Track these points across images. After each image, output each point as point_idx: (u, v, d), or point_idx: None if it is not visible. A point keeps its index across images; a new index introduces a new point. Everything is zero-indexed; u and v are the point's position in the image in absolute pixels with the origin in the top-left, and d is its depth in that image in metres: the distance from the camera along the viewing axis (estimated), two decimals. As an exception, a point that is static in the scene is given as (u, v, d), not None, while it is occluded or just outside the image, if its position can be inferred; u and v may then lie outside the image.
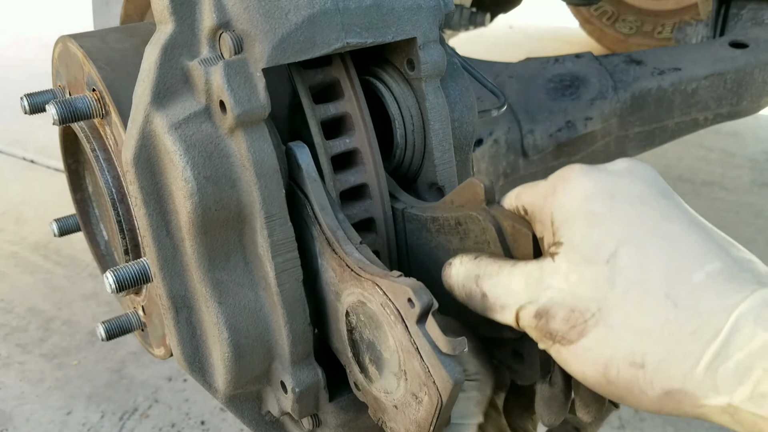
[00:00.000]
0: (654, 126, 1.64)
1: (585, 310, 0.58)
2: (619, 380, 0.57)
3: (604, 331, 0.57)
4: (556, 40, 4.47)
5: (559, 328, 0.60)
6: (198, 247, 0.73)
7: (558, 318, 0.60)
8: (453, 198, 0.76)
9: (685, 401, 0.55)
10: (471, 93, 0.87)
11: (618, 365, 0.57)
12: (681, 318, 0.54)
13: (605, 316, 0.57)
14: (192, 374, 0.81)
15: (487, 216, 0.71)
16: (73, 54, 0.85)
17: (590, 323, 0.58)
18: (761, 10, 1.76)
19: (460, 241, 0.75)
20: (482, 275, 0.67)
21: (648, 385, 0.56)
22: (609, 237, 0.59)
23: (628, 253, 0.58)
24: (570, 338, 0.59)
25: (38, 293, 2.38)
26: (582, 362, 0.59)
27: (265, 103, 0.70)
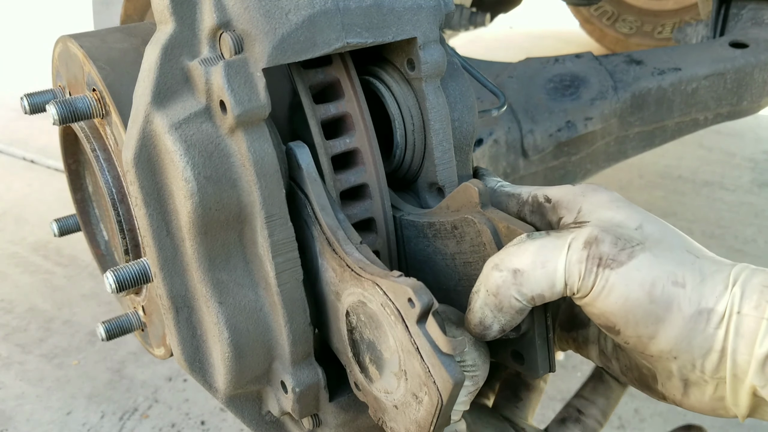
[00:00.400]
0: (654, 126, 1.64)
1: (630, 239, 0.66)
2: (663, 297, 0.63)
3: (650, 255, 0.65)
4: (556, 40, 4.48)
5: (609, 251, 0.65)
6: (198, 247, 0.74)
7: (607, 242, 0.65)
8: (448, 203, 0.77)
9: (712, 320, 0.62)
10: (471, 93, 0.87)
11: (663, 283, 0.63)
12: (705, 262, 0.65)
13: (649, 248, 0.65)
14: (192, 374, 0.81)
15: (482, 218, 0.72)
16: (73, 54, 0.85)
17: (637, 249, 0.65)
18: (761, 10, 1.76)
19: (457, 244, 0.76)
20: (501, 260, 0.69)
21: (686, 303, 0.63)
22: (634, 216, 0.69)
23: (650, 226, 0.68)
24: (620, 260, 0.64)
25: (38, 293, 2.38)
26: (630, 282, 0.64)
27: (265, 103, 0.70)
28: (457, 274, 0.78)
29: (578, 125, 1.52)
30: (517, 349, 0.76)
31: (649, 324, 0.64)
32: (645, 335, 0.64)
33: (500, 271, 0.67)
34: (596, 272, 0.64)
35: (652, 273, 0.64)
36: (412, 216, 0.81)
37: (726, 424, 1.83)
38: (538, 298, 0.67)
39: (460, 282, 0.78)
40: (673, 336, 0.63)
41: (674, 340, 0.63)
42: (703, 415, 0.77)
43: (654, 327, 0.64)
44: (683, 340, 0.63)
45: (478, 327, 0.70)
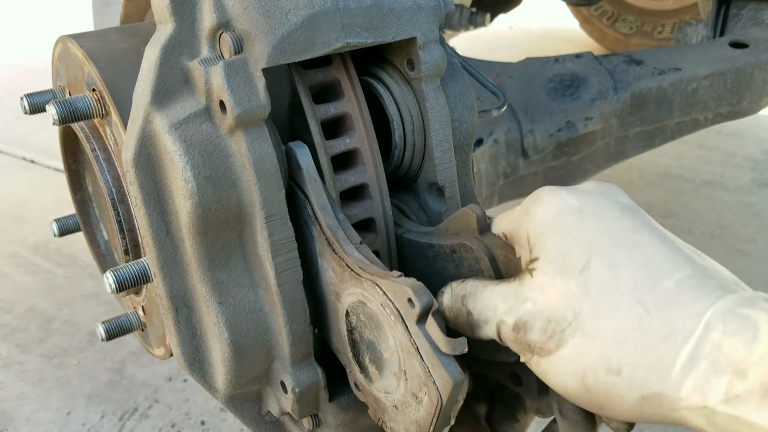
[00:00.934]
0: (654, 126, 1.64)
1: (562, 320, 0.60)
2: (598, 387, 0.58)
3: (580, 340, 0.59)
4: (556, 40, 4.47)
5: (537, 339, 0.61)
6: (198, 247, 0.73)
7: (536, 329, 0.61)
8: (448, 225, 0.77)
9: (663, 405, 0.56)
10: (471, 93, 0.87)
11: (595, 373, 0.58)
12: (654, 323, 0.56)
13: (581, 326, 0.59)
14: (192, 374, 0.81)
15: (480, 245, 0.72)
16: (73, 54, 0.85)
17: (567, 333, 0.60)
18: (761, 10, 1.76)
19: (456, 268, 0.76)
20: (467, 294, 0.68)
21: (626, 391, 0.57)
22: (580, 249, 0.61)
23: (599, 263, 0.60)
24: (548, 349, 0.61)
25: (38, 293, 2.38)
26: (561, 372, 0.60)
27: (265, 103, 0.70)
28: None
29: (578, 125, 1.52)
30: (516, 371, 0.76)
31: (598, 408, 0.61)
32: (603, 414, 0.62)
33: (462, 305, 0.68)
34: (527, 357, 0.63)
35: (583, 362, 0.59)
36: (411, 235, 0.82)
37: (726, 424, 1.82)
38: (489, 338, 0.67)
39: None
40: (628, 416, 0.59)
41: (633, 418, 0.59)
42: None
43: (605, 410, 0.60)
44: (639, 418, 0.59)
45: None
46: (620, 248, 0.61)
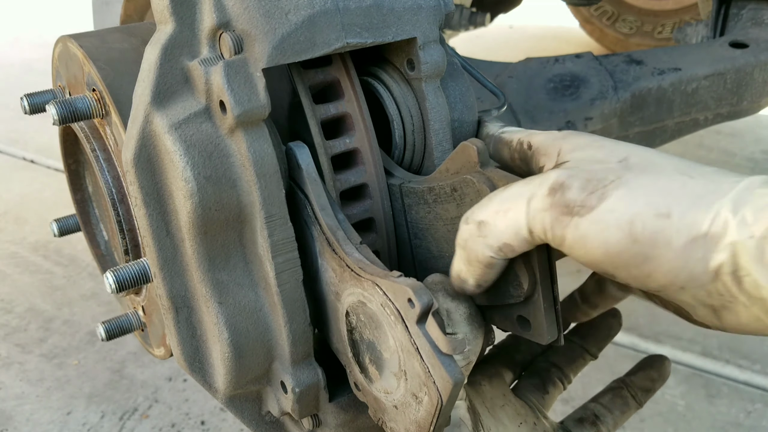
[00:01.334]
0: (654, 126, 1.64)
1: (603, 179, 0.59)
2: (645, 234, 0.57)
3: (625, 191, 0.58)
4: (556, 40, 4.47)
5: (576, 197, 0.59)
6: (198, 247, 0.73)
7: (574, 187, 0.60)
8: (448, 165, 0.76)
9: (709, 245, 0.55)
10: (471, 93, 0.87)
11: (644, 219, 0.57)
12: (698, 182, 0.57)
13: (625, 182, 0.59)
14: (192, 374, 0.81)
15: (482, 178, 0.71)
16: (73, 54, 0.85)
17: (610, 188, 0.59)
18: (761, 10, 1.76)
19: (457, 207, 0.74)
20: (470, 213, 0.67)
21: (674, 234, 0.56)
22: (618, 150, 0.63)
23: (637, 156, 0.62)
24: (590, 204, 0.58)
25: (38, 293, 2.38)
26: (604, 228, 0.58)
27: (265, 103, 0.70)
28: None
29: (578, 125, 1.52)
30: (523, 314, 0.73)
31: (639, 264, 0.58)
32: (639, 275, 0.59)
33: (467, 224, 0.66)
34: (564, 221, 0.59)
35: (630, 210, 0.57)
36: (412, 183, 0.80)
37: (726, 424, 1.83)
38: (506, 249, 0.64)
39: None
40: (668, 270, 0.57)
41: (671, 274, 0.57)
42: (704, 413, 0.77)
43: (646, 266, 0.58)
44: (681, 272, 0.57)
45: (456, 280, 0.70)
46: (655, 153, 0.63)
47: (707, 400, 1.88)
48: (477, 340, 0.72)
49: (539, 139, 0.72)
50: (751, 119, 3.05)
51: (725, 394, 1.91)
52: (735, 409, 1.87)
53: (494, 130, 0.83)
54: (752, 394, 1.92)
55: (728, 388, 1.92)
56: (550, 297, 0.71)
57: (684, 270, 0.57)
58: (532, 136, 0.74)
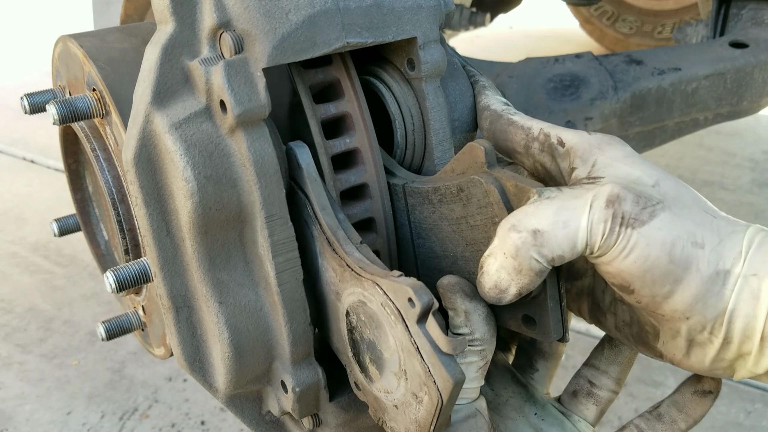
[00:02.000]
0: (654, 126, 1.64)
1: (650, 198, 0.65)
2: (682, 257, 0.63)
3: (670, 215, 0.64)
4: (556, 40, 4.47)
5: (631, 210, 0.64)
6: (198, 246, 0.74)
7: (628, 200, 0.64)
8: (453, 166, 0.75)
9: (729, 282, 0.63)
10: (471, 93, 0.87)
11: (684, 244, 0.63)
12: (721, 222, 0.65)
13: (669, 206, 0.65)
14: (192, 374, 0.81)
15: (489, 178, 0.70)
16: (73, 54, 0.85)
17: (658, 208, 0.65)
18: (761, 10, 1.76)
19: (463, 208, 0.74)
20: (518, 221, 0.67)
21: (705, 263, 0.63)
22: (650, 172, 0.69)
23: (667, 183, 0.68)
24: (642, 219, 0.64)
25: (38, 293, 2.38)
26: (651, 242, 0.63)
27: (265, 103, 0.70)
28: (464, 240, 0.76)
29: (578, 125, 1.52)
30: (529, 313, 0.73)
31: (666, 284, 0.63)
32: (660, 295, 0.64)
33: (519, 232, 0.65)
34: (618, 231, 0.63)
35: (673, 233, 0.63)
36: (416, 183, 0.79)
37: (726, 424, 1.83)
38: (558, 259, 0.65)
39: (468, 248, 0.76)
40: (689, 296, 0.63)
41: (690, 300, 0.63)
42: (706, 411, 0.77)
43: (671, 287, 0.63)
44: (699, 301, 0.63)
45: (493, 291, 0.68)
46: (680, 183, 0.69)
47: (707, 400, 1.88)
48: (493, 339, 0.72)
49: (574, 140, 0.74)
50: (751, 119, 3.05)
51: (725, 394, 1.91)
52: (735, 409, 1.87)
53: (497, 106, 0.82)
54: (752, 394, 1.92)
55: (728, 388, 1.92)
56: (556, 296, 0.71)
57: (702, 299, 0.63)
58: (562, 132, 0.75)
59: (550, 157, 0.75)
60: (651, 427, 0.79)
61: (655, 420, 0.80)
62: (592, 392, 0.83)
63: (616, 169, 0.69)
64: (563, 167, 0.74)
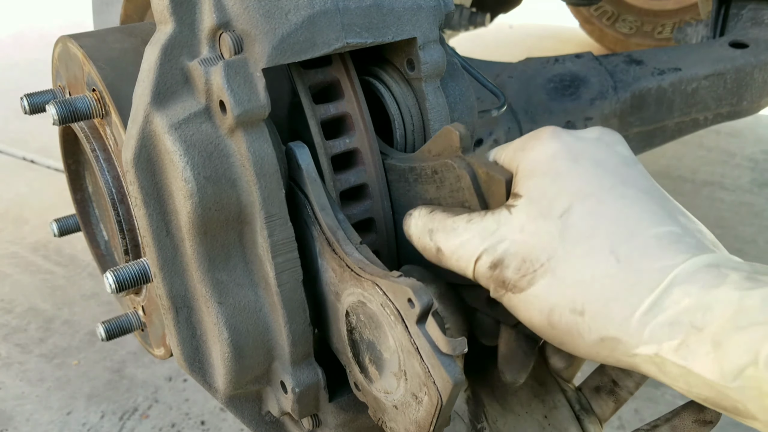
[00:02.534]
0: (654, 126, 1.64)
1: (535, 261, 0.63)
2: (561, 325, 0.62)
3: (550, 280, 0.62)
4: (556, 40, 4.47)
5: (511, 277, 0.64)
6: (198, 247, 0.73)
7: (511, 267, 0.64)
8: (430, 147, 0.77)
9: (618, 349, 0.59)
10: (471, 93, 0.87)
11: (561, 312, 0.61)
12: (621, 273, 0.59)
13: (553, 267, 0.62)
14: (192, 374, 0.81)
15: (462, 163, 0.72)
16: (73, 54, 0.85)
17: (539, 273, 0.63)
18: (761, 10, 1.76)
19: (437, 189, 0.75)
20: (435, 230, 0.71)
21: (586, 331, 0.60)
22: (565, 193, 0.63)
23: (580, 210, 0.62)
24: (521, 286, 0.64)
25: (38, 293, 2.38)
26: (529, 309, 0.64)
27: (265, 103, 0.70)
28: None
29: (578, 125, 1.52)
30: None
31: (558, 343, 0.64)
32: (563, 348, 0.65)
33: (429, 240, 0.70)
34: (500, 293, 0.66)
35: (550, 300, 0.62)
36: (395, 160, 0.81)
37: (726, 424, 1.82)
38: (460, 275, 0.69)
39: None
40: (585, 354, 0.63)
41: (590, 356, 0.63)
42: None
43: (565, 346, 0.64)
44: (596, 358, 0.62)
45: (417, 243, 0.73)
46: (604, 197, 0.62)
47: (707, 400, 1.88)
48: (453, 317, 0.74)
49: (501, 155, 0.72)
50: (751, 119, 3.05)
51: (725, 394, 1.90)
52: (735, 409, 1.87)
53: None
54: (752, 394, 1.91)
55: (728, 388, 1.92)
56: None
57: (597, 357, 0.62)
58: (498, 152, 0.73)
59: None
60: None
61: None
62: (614, 391, 0.84)
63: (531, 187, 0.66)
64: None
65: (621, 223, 0.61)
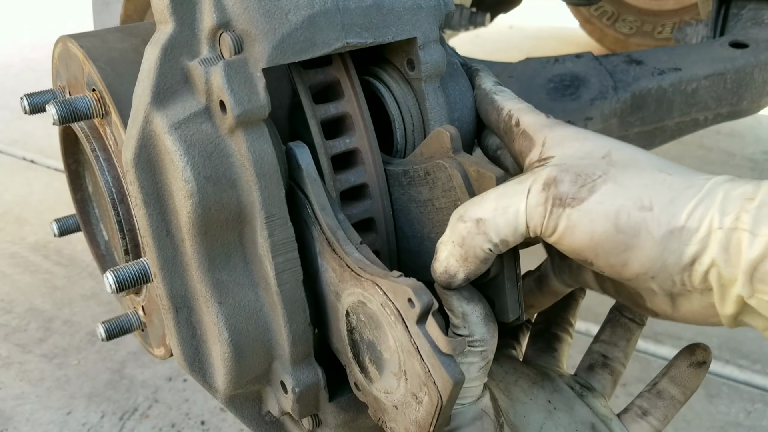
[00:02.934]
0: (654, 126, 1.64)
1: (591, 174, 0.65)
2: (629, 225, 0.63)
3: (612, 186, 0.64)
4: (556, 40, 4.47)
5: (568, 190, 0.64)
6: (198, 247, 0.73)
7: (566, 181, 0.65)
8: (422, 149, 0.78)
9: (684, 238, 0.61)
10: (471, 93, 0.87)
11: (628, 211, 0.63)
12: (676, 179, 0.64)
13: (612, 177, 0.64)
14: (192, 374, 0.81)
15: (453, 163, 0.73)
16: (73, 54, 0.85)
17: (598, 182, 0.64)
18: (761, 10, 1.76)
19: (429, 191, 0.76)
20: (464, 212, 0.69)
21: (655, 226, 0.62)
22: (601, 144, 0.68)
23: (618, 153, 0.67)
24: (581, 197, 0.64)
25: (38, 293, 2.38)
26: (593, 218, 0.63)
27: (265, 103, 0.70)
28: (430, 221, 0.79)
29: (578, 125, 1.51)
30: (488, 293, 0.76)
31: (620, 253, 0.64)
32: (617, 264, 0.64)
33: (464, 222, 0.69)
34: (557, 213, 0.65)
35: (616, 202, 0.63)
36: (389, 165, 0.82)
37: (726, 424, 1.83)
38: (502, 244, 0.68)
39: (434, 229, 0.79)
40: (645, 259, 0.63)
41: (647, 263, 0.63)
42: (702, 408, 0.77)
43: (625, 255, 0.64)
44: (656, 262, 0.63)
45: (443, 276, 0.71)
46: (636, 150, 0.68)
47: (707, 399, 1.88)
48: (493, 339, 0.73)
49: (527, 120, 0.75)
50: (751, 119, 3.05)
51: (725, 394, 1.91)
52: (735, 409, 1.87)
53: (488, 85, 0.85)
54: (752, 394, 1.92)
55: (728, 388, 1.92)
56: (513, 277, 0.74)
57: (659, 260, 0.62)
58: (522, 113, 0.77)
59: (509, 137, 0.78)
60: (653, 405, 0.81)
61: (656, 398, 0.82)
62: (606, 363, 0.87)
63: (565, 147, 0.70)
64: (515, 150, 0.77)
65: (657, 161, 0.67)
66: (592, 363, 0.88)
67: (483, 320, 0.72)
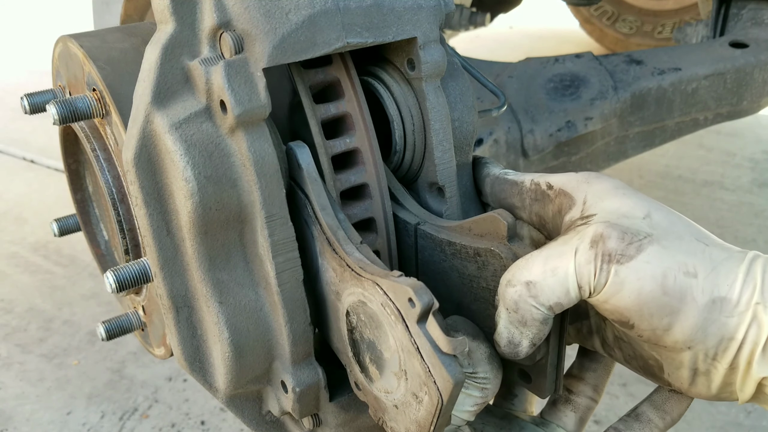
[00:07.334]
0: (654, 126, 1.64)
1: (637, 233, 0.65)
2: (676, 288, 0.63)
3: (659, 247, 0.65)
4: (556, 40, 4.48)
5: (616, 246, 0.64)
6: (198, 246, 0.74)
7: (613, 237, 0.65)
8: (471, 226, 0.77)
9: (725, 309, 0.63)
10: (471, 93, 0.87)
11: (675, 274, 0.63)
12: (715, 250, 0.65)
13: (657, 239, 0.65)
14: (192, 374, 0.81)
15: (509, 253, 0.72)
16: (74, 54, 0.85)
17: (645, 242, 0.65)
18: (761, 10, 1.76)
19: (478, 270, 0.76)
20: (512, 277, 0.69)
21: (699, 292, 0.63)
22: (641, 204, 0.69)
23: (658, 215, 0.68)
24: (629, 254, 0.64)
25: (38, 293, 2.38)
26: (642, 275, 0.64)
27: (265, 103, 0.70)
28: (473, 294, 0.78)
29: (578, 125, 1.52)
30: (526, 369, 0.76)
31: (664, 316, 0.64)
32: (660, 327, 0.64)
33: (513, 286, 0.68)
34: (606, 269, 0.64)
35: (663, 264, 0.63)
36: (429, 228, 0.81)
37: (726, 424, 1.83)
38: (556, 307, 0.67)
39: (476, 303, 0.78)
40: (688, 326, 0.63)
41: (690, 330, 0.63)
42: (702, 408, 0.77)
43: (668, 319, 0.64)
44: (698, 330, 0.63)
45: (508, 347, 0.70)
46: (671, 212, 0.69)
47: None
48: (496, 380, 0.73)
49: (562, 181, 0.75)
50: (751, 119, 3.05)
51: (725, 394, 1.91)
52: (735, 409, 1.87)
53: (495, 171, 0.85)
54: (752, 394, 1.91)
55: (728, 388, 1.92)
56: (556, 360, 0.74)
57: (701, 328, 0.63)
58: (547, 177, 0.77)
59: (541, 204, 0.77)
60: (629, 427, 0.79)
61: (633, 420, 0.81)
62: (570, 399, 0.84)
63: (606, 204, 0.69)
64: (554, 211, 0.75)
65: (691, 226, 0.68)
66: (556, 399, 0.85)
67: (487, 358, 0.72)
